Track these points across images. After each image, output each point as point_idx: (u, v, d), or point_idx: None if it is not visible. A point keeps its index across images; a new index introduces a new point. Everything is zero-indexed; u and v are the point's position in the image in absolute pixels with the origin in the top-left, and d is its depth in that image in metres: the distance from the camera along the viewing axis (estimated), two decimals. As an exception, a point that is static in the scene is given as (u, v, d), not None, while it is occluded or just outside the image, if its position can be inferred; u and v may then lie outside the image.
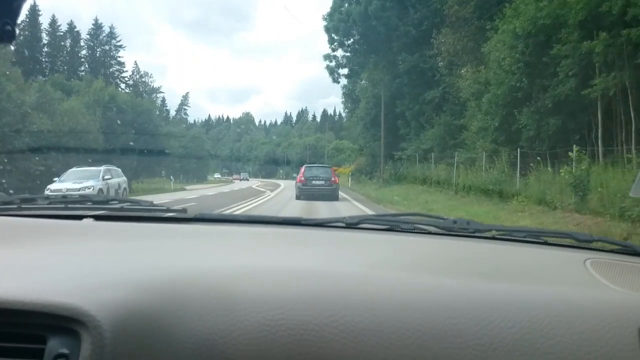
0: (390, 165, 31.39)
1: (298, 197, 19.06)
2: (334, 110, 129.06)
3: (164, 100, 78.44)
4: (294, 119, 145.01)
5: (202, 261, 1.00)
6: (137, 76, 67.53)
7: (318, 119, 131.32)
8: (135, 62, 79.25)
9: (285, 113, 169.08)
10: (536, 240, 1.36)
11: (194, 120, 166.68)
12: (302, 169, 20.31)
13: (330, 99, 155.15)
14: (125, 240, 1.23)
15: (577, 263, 1.12)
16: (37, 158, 22.90)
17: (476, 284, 0.91)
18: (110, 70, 60.44)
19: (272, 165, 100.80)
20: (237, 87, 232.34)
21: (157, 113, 70.75)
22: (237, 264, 0.98)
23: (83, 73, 52.52)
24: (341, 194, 21.31)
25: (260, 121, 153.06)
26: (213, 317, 0.76)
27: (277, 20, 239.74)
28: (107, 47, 60.27)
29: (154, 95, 73.00)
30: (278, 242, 1.30)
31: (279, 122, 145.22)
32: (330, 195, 18.80)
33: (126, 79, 63.05)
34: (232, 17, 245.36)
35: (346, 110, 40.75)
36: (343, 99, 42.00)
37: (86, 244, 1.16)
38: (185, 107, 79.20)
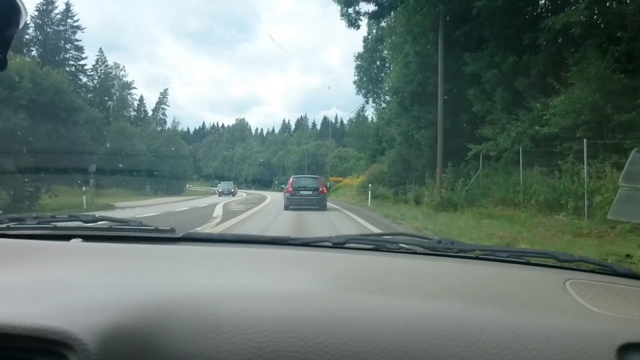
0: (450, 171, 18.85)
1: (286, 207, 19.18)
2: (336, 117, 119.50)
3: (141, 99, 68.00)
4: (293, 127, 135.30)
5: (189, 282, 1.00)
6: (103, 67, 57.07)
7: (318, 127, 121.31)
8: (101, 49, 65.59)
9: (284, 120, 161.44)
10: (518, 260, 1.39)
11: (188, 128, 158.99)
12: (291, 180, 20.70)
13: (331, 110, 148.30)
14: (113, 261, 1.22)
15: (557, 284, 1.13)
16: None
17: (459, 304, 0.92)
18: (65, 55, 49.83)
19: (267, 175, 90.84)
20: (238, 98, 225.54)
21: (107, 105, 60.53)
22: (224, 285, 1.00)
23: (28, 59, 42.10)
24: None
25: (256, 129, 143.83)
26: (199, 338, 0.76)
27: (280, 32, 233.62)
28: (60, 28, 49.64)
29: (126, 91, 62.55)
30: (265, 262, 1.31)
31: (276, 131, 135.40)
32: (318, 204, 19.36)
33: (87, 69, 52.40)
34: (234, 28, 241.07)
35: (360, 92, 28.72)
36: (357, 76, 29.81)
37: (74, 265, 1.15)
38: (163, 105, 68.58)
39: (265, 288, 0.98)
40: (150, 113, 67.50)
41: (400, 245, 1.46)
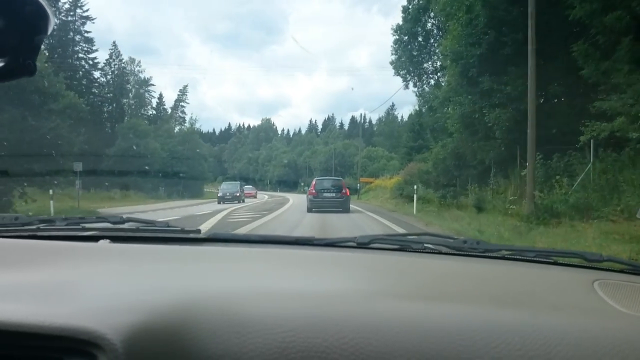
0: (539, 167, 13.58)
1: (309, 210, 19.12)
2: (364, 117, 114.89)
3: (161, 97, 64.56)
4: (320, 127, 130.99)
5: (215, 283, 1.03)
6: (117, 61, 53.61)
7: (346, 128, 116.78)
8: (114, 42, 59.60)
9: (310, 121, 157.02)
10: (545, 260, 1.37)
11: (213, 130, 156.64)
12: (314, 182, 20.76)
13: (358, 111, 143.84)
14: (141, 262, 1.25)
15: (585, 284, 1.12)
16: None
17: (485, 305, 0.92)
18: (74, 48, 46.46)
19: (292, 177, 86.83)
20: (265, 100, 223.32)
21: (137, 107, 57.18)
22: (250, 285, 1.01)
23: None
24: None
25: (282, 130, 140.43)
26: (225, 339, 0.77)
27: (307, 33, 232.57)
28: (69, 18, 46.29)
29: (144, 88, 59.12)
30: (290, 262, 1.32)
31: (303, 131, 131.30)
32: (341, 206, 19.33)
33: (99, 62, 48.96)
34: (262, 31, 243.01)
35: (398, 74, 23.50)
36: (394, 55, 24.28)
37: (102, 266, 1.17)
38: (182, 103, 64.86)
39: (290, 288, 1.00)
40: (169, 112, 63.78)
41: (426, 245, 1.47)
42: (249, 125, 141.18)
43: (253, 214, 18.95)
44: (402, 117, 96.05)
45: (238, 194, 33.87)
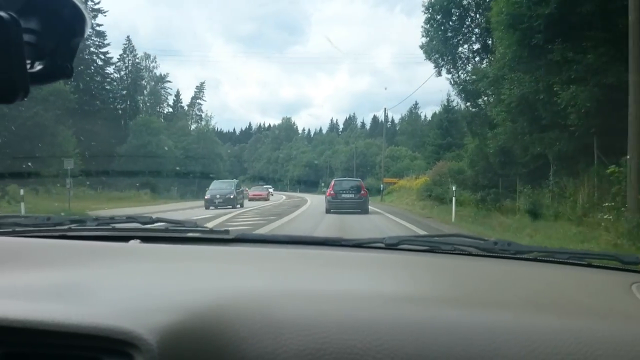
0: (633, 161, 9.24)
1: (328, 211, 18.87)
2: (386, 115, 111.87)
3: (178, 94, 62.74)
4: (341, 127, 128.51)
5: (247, 284, 1.03)
6: (131, 57, 51.79)
7: (368, 128, 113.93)
8: (128, 37, 59.07)
9: (331, 120, 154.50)
10: (579, 262, 1.35)
11: (234, 129, 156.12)
12: (332, 183, 20.57)
13: (381, 112, 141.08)
14: (171, 262, 1.26)
15: (623, 287, 1.09)
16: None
17: (519, 309, 0.90)
18: (86, 43, 44.66)
19: (312, 177, 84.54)
20: (287, 101, 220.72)
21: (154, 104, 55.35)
22: (281, 286, 1.01)
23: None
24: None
25: (303, 129, 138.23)
26: (259, 340, 0.77)
27: (329, 34, 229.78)
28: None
29: (160, 85, 57.29)
30: (319, 263, 1.32)
31: (324, 131, 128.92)
32: (360, 207, 19.21)
33: (111, 57, 47.10)
34: (285, 31, 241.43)
35: (430, 58, 19.99)
36: (425, 37, 20.59)
37: (134, 266, 1.19)
38: (199, 101, 62.75)
39: (321, 290, 1.00)
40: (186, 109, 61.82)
41: (456, 246, 1.44)
42: (270, 125, 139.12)
43: (258, 220, 16.79)
44: (425, 116, 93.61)
45: (231, 197, 25.43)
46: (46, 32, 0.63)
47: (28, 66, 0.60)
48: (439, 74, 19.00)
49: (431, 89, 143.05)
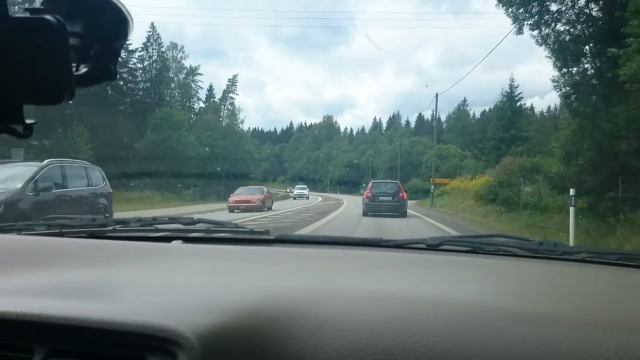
0: None
1: (365, 214, 18.61)
2: (433, 113, 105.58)
3: (211, 88, 58.70)
4: (384, 126, 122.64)
5: (289, 284, 1.04)
6: (155, 45, 47.82)
7: (412, 126, 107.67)
8: (153, 24, 49.51)
9: (374, 119, 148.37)
10: (630, 264, 1.32)
11: (275, 128, 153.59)
12: (370, 185, 20.19)
13: (426, 113, 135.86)
14: (213, 262, 1.27)
15: None
16: None
17: (567, 311, 0.89)
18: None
19: (354, 177, 79.47)
20: (330, 101, 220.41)
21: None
22: (323, 286, 1.01)
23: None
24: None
25: (345, 128, 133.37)
26: (300, 340, 0.78)
27: (374, 34, 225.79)
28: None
29: (190, 78, 53.26)
30: (359, 264, 1.31)
31: (367, 130, 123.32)
32: (398, 210, 18.75)
33: (132, 45, 43.19)
34: (329, 32, 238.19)
35: (509, 12, 14.57)
36: None
37: (176, 266, 1.20)
38: (232, 94, 58.34)
39: (362, 290, 0.98)
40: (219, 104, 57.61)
41: (499, 247, 1.42)
42: (312, 124, 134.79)
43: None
44: (474, 113, 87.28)
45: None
46: (91, 35, 0.64)
47: (74, 69, 0.61)
48: (520, 31, 13.51)
49: (478, 89, 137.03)
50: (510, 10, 13.80)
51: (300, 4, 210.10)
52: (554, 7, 13.22)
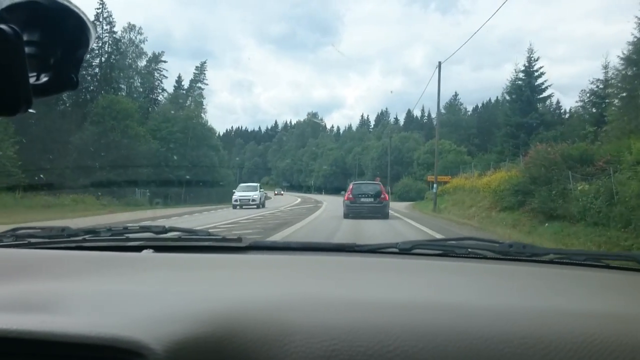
0: None
1: (346, 216, 18.03)
2: (422, 110, 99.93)
3: (179, 79, 52.12)
4: (372, 123, 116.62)
5: (257, 291, 1.03)
6: (106, 24, 41.17)
7: (401, 124, 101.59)
8: (102, 1, 41.94)
9: (362, 116, 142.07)
10: (597, 264, 1.35)
11: (259, 127, 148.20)
12: (350, 186, 19.57)
13: (415, 112, 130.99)
14: (183, 271, 1.27)
15: None
16: None
17: (535, 311, 0.90)
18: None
19: (340, 178, 73.46)
20: (319, 101, 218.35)
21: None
22: (292, 293, 1.01)
23: None
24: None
25: (332, 126, 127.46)
26: (268, 348, 0.77)
27: (362, 33, 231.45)
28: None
29: (153, 66, 46.71)
30: (332, 269, 1.32)
31: (354, 128, 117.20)
32: (380, 212, 18.20)
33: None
34: (318, 32, 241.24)
35: None
36: None
37: (146, 275, 1.20)
38: (200, 84, 51.69)
39: (332, 296, 0.98)
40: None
41: (470, 250, 1.44)
42: (297, 121, 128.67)
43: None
44: (466, 109, 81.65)
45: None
46: (50, 44, 0.63)
47: (33, 78, 0.61)
48: None
49: (466, 89, 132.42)
50: None
51: (288, 3, 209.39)
52: None
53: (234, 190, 28.41)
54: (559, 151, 14.99)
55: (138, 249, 1.49)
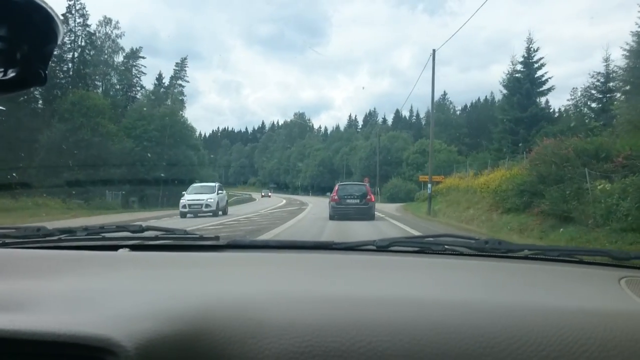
0: None
1: (332, 217, 17.67)
2: (411, 110, 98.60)
3: (160, 76, 49.95)
4: (360, 123, 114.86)
5: (233, 289, 1.03)
6: (79, 17, 38.98)
7: (390, 124, 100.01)
8: None
9: (350, 116, 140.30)
10: (570, 259, 1.37)
11: (246, 128, 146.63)
12: (336, 187, 19.15)
13: (403, 113, 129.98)
14: (159, 270, 1.26)
15: (611, 282, 1.12)
16: None
17: (509, 305, 0.92)
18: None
19: (327, 179, 71.72)
20: (307, 103, 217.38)
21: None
22: (267, 291, 1.01)
23: None
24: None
25: (319, 126, 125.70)
26: (241, 345, 0.79)
27: (350, 35, 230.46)
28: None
29: (131, 62, 44.60)
30: (309, 267, 1.32)
31: (342, 128, 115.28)
32: (366, 213, 17.75)
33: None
34: (306, 33, 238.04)
35: None
36: None
37: (121, 274, 1.20)
38: (181, 81, 49.58)
39: (307, 293, 0.99)
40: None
41: (446, 247, 1.45)
42: (285, 121, 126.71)
43: None
44: (455, 107, 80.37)
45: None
46: (17, 40, 0.62)
47: (0, 74, 0.61)
48: None
49: (453, 91, 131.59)
50: None
51: (276, 4, 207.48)
52: None
53: (183, 192, 22.42)
54: (571, 145, 13.24)
55: (114, 248, 1.47)
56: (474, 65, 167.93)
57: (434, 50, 20.49)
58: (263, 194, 67.09)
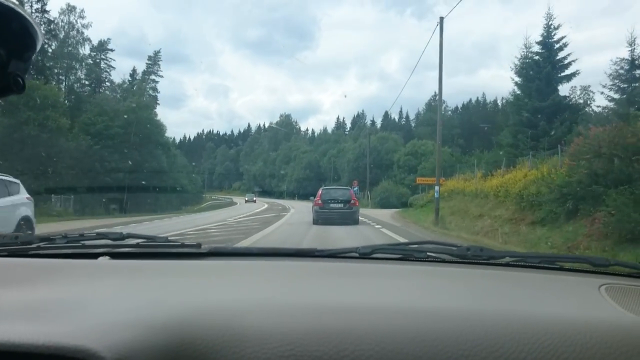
0: None
1: (315, 222, 17.69)
2: (400, 112, 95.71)
3: (134, 72, 46.10)
4: (348, 125, 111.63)
5: (213, 297, 1.02)
6: (37, 2, 35.03)
7: (378, 126, 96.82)
8: None
9: (337, 118, 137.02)
10: (551, 266, 1.38)
11: (232, 131, 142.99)
12: (319, 192, 19.00)
13: (391, 111, 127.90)
14: (140, 278, 1.25)
15: (591, 289, 1.12)
16: None
17: (490, 312, 0.92)
18: None
19: (314, 183, 68.09)
20: (295, 107, 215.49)
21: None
22: (248, 299, 1.01)
23: None
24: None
25: (306, 129, 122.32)
26: (223, 354, 0.78)
27: (338, 38, 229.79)
28: None
29: (99, 56, 40.71)
30: (291, 275, 1.32)
31: (329, 130, 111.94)
32: (350, 218, 17.77)
33: None
34: (295, 36, 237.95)
35: None
36: None
37: (101, 283, 1.18)
38: (154, 77, 45.79)
39: (290, 301, 0.99)
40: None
41: (428, 254, 1.46)
42: (270, 123, 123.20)
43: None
44: (446, 108, 77.55)
45: None
46: None
47: None
48: None
49: (444, 94, 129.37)
50: None
51: (264, 8, 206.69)
52: None
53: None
54: (633, 132, 9.74)
55: (94, 256, 1.45)
56: (462, 70, 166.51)
57: (441, 19, 17.08)
58: (247, 198, 63.19)
